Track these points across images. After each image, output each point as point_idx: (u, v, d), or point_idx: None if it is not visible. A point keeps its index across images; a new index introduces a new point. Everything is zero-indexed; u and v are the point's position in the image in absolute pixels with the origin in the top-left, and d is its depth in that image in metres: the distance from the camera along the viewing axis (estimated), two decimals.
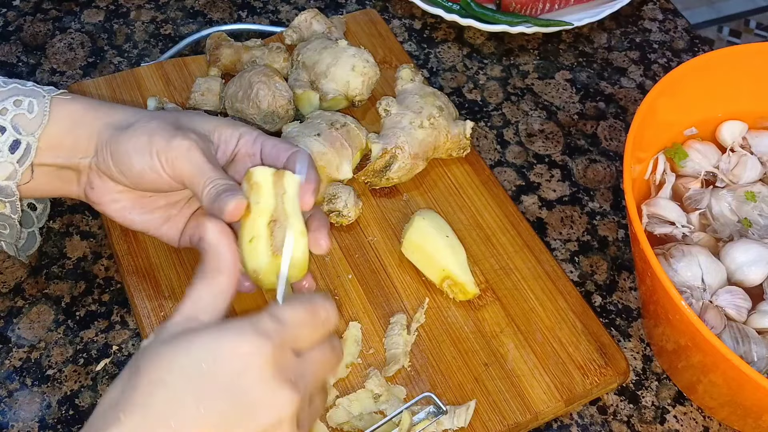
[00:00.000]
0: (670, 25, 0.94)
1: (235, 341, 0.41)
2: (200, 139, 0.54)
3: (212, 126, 0.56)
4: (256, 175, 0.51)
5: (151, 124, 0.54)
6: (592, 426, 0.63)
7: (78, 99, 0.58)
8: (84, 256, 0.70)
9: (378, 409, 0.59)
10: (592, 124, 0.84)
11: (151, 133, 0.53)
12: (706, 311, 0.60)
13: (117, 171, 0.55)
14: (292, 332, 0.43)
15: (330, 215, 0.68)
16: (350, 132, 0.70)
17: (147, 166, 0.53)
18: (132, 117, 0.56)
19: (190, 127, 0.55)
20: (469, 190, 0.73)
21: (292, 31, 0.82)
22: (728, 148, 0.72)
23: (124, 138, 0.54)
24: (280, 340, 0.42)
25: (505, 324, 0.64)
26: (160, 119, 0.55)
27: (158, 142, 0.53)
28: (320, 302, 0.45)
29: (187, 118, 0.56)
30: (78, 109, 0.57)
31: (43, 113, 0.56)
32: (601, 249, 0.73)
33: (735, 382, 0.54)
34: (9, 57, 0.86)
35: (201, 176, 0.52)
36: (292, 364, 0.43)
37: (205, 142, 0.54)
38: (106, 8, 0.92)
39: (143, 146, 0.53)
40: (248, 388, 0.40)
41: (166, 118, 0.55)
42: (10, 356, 0.64)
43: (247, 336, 0.41)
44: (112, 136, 0.55)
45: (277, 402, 0.41)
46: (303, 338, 0.44)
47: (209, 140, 0.55)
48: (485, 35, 0.91)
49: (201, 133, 0.55)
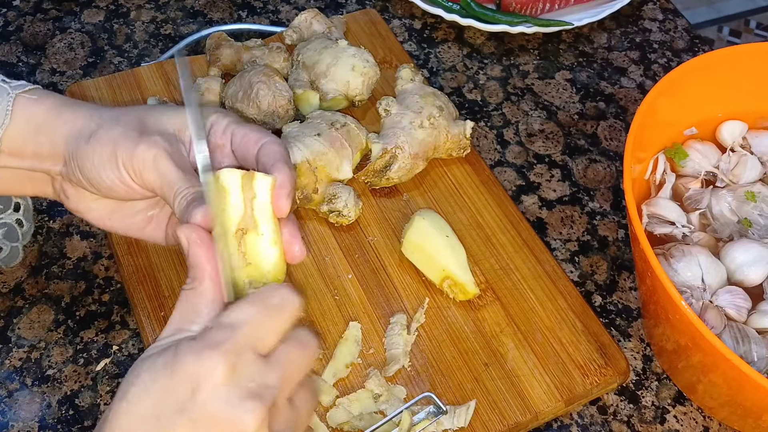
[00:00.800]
0: (670, 25, 0.94)
1: (187, 359, 0.39)
2: (167, 143, 0.49)
3: (180, 122, 0.51)
4: (222, 178, 0.45)
5: (114, 131, 0.50)
6: (592, 426, 0.63)
7: (43, 99, 0.53)
8: (84, 256, 0.70)
9: (378, 409, 0.59)
10: (592, 124, 0.84)
11: (115, 143, 0.49)
12: (706, 311, 0.60)
13: (87, 184, 0.51)
14: (245, 334, 0.40)
15: (330, 215, 0.68)
16: (350, 132, 0.70)
17: (116, 179, 0.50)
18: (94, 122, 0.51)
19: (157, 128, 0.51)
20: (469, 190, 0.73)
21: (292, 31, 0.82)
22: (728, 148, 0.72)
23: (89, 151, 0.50)
24: (232, 347, 0.39)
25: (505, 324, 0.64)
26: (123, 124, 0.50)
27: (123, 153, 0.49)
28: (270, 290, 0.43)
29: (154, 117, 0.52)
30: (41, 113, 0.53)
31: (5, 112, 0.52)
32: (601, 249, 0.73)
33: (735, 382, 0.54)
34: (9, 57, 0.86)
35: (169, 188, 0.48)
36: (253, 371, 0.40)
37: (173, 145, 0.50)
38: (106, 8, 0.92)
39: (108, 159, 0.49)
40: (206, 407, 0.39)
41: (131, 122, 0.51)
42: (10, 356, 0.64)
43: (197, 352, 0.39)
44: (77, 149, 0.51)
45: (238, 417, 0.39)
46: (261, 335, 0.41)
47: (178, 140, 0.51)
48: (485, 35, 0.91)
49: (169, 133, 0.51)
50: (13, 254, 0.65)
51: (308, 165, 0.67)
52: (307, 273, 0.67)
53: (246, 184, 0.45)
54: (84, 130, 0.51)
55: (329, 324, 0.64)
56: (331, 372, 0.61)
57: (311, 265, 0.67)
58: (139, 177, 0.49)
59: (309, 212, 0.70)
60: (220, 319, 0.41)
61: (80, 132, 0.51)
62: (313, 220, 0.70)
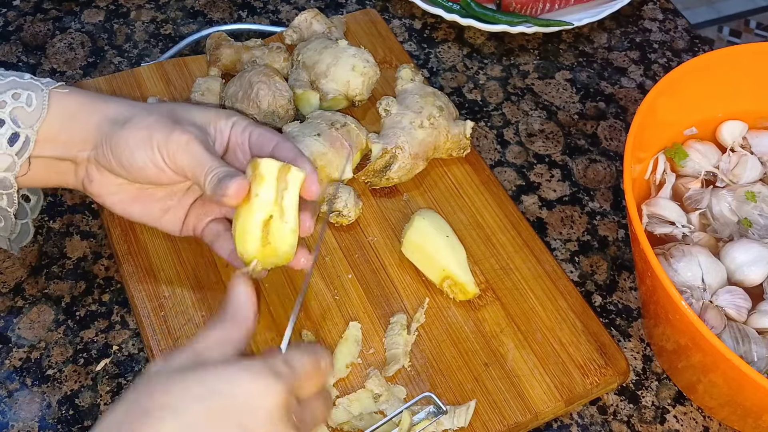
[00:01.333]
0: (670, 25, 0.94)
1: (251, 378, 0.42)
2: (198, 131, 0.55)
3: (208, 117, 0.57)
4: (261, 166, 0.51)
5: (149, 118, 0.55)
6: (592, 426, 0.63)
7: (75, 92, 0.58)
8: (84, 256, 0.70)
9: (378, 409, 0.59)
10: (593, 124, 0.83)
11: (151, 127, 0.54)
12: (706, 311, 0.60)
13: (118, 165, 0.55)
14: (299, 378, 0.44)
15: (330, 215, 0.68)
16: (350, 132, 0.70)
17: (149, 161, 0.54)
18: (129, 111, 0.56)
19: (188, 120, 0.56)
20: (469, 190, 0.73)
21: (292, 31, 0.82)
22: (728, 148, 0.72)
23: (124, 133, 0.55)
24: (290, 384, 0.43)
25: (505, 324, 0.64)
26: (157, 113, 0.55)
27: (158, 136, 0.54)
28: (322, 353, 0.47)
29: (184, 110, 0.57)
30: (75, 103, 0.57)
31: (42, 106, 0.56)
32: (601, 249, 0.73)
33: (735, 382, 0.54)
34: (9, 57, 0.86)
35: (202, 167, 0.53)
36: (295, 409, 0.44)
37: (203, 134, 0.55)
38: (106, 8, 0.92)
39: (144, 141, 0.54)
40: (258, 426, 0.41)
41: (164, 112, 0.56)
42: (10, 356, 0.64)
43: (262, 375, 0.42)
44: (111, 131, 0.55)
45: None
46: (306, 386, 0.45)
47: (206, 132, 0.56)
48: (485, 35, 0.91)
49: (198, 125, 0.56)
50: (23, 232, 0.65)
51: None
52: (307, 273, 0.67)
53: (281, 175, 0.51)
54: (119, 117, 0.56)
55: (329, 324, 0.64)
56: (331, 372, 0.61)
57: None
58: (173, 159, 0.54)
59: None
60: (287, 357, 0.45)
61: (115, 118, 0.56)
62: None
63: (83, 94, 0.58)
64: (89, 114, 0.57)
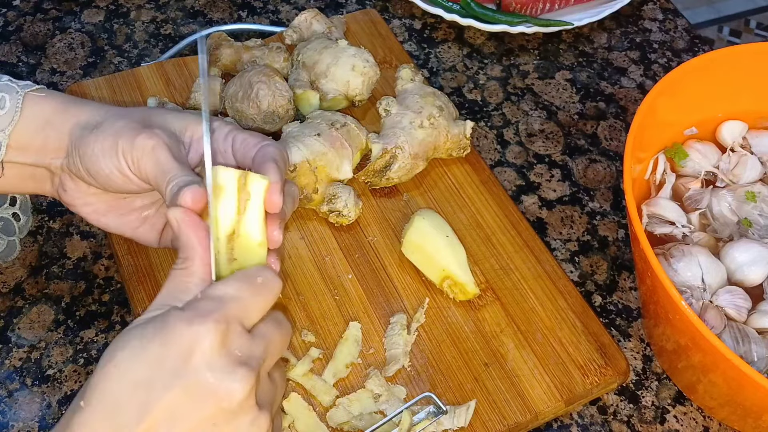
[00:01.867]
0: (670, 24, 0.94)
1: (178, 327, 0.40)
2: (168, 137, 0.51)
3: (185, 124, 0.53)
4: (219, 177, 0.46)
5: (118, 123, 0.52)
6: (592, 426, 0.63)
7: (51, 96, 0.55)
8: (84, 256, 0.70)
9: (378, 409, 0.59)
10: (593, 124, 0.83)
11: (118, 133, 0.51)
12: (706, 311, 0.60)
13: (86, 174, 0.53)
14: (233, 306, 0.42)
15: (330, 215, 0.68)
16: (350, 132, 0.70)
17: (114, 168, 0.51)
18: (100, 116, 0.53)
19: (160, 125, 0.52)
20: (469, 190, 0.73)
21: (292, 31, 0.82)
22: (728, 147, 0.72)
23: (91, 139, 0.52)
24: (222, 316, 0.41)
25: (505, 324, 0.64)
26: (128, 118, 0.52)
27: (124, 142, 0.50)
28: (255, 270, 0.44)
29: (159, 115, 0.54)
30: (49, 108, 0.54)
31: (15, 110, 0.54)
32: (602, 249, 0.73)
33: (735, 382, 0.54)
34: (9, 57, 0.86)
35: (164, 175, 0.49)
36: (241, 342, 0.41)
37: (174, 141, 0.52)
38: (106, 8, 0.92)
39: (110, 148, 0.51)
40: (198, 374, 0.39)
41: (135, 117, 0.53)
42: (10, 356, 0.64)
43: (188, 320, 0.40)
44: (80, 138, 0.53)
45: (230, 385, 0.40)
46: (247, 310, 0.43)
47: (179, 140, 0.52)
48: (485, 35, 0.91)
49: (171, 131, 0.52)
50: (10, 248, 0.65)
51: (308, 165, 0.67)
52: (307, 273, 0.67)
53: (242, 184, 0.46)
54: (89, 121, 0.53)
55: (329, 324, 0.64)
56: (331, 372, 0.61)
57: (311, 265, 0.67)
58: (137, 166, 0.50)
59: (309, 212, 0.70)
60: (208, 291, 0.43)
61: (86, 123, 0.53)
62: (313, 220, 0.70)
63: (59, 98, 0.55)
64: (64, 120, 0.54)
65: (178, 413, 0.39)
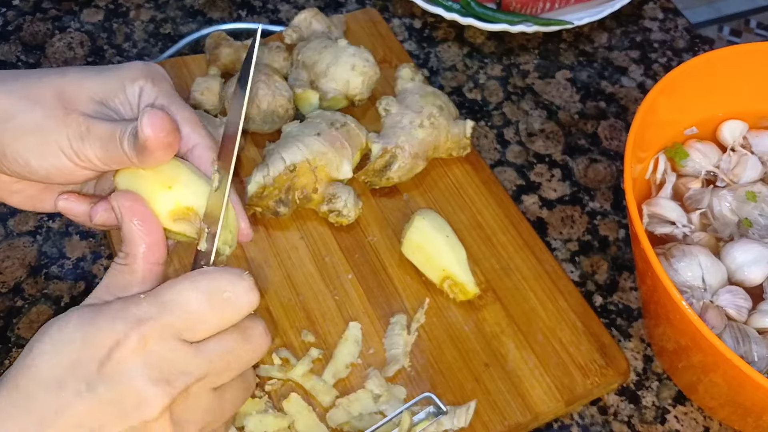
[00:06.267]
0: (670, 24, 0.94)
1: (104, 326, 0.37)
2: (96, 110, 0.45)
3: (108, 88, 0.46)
4: None
5: (35, 114, 0.45)
6: (592, 426, 0.63)
7: None
8: (83, 256, 0.70)
9: (378, 410, 0.59)
10: (593, 123, 0.83)
11: (41, 130, 0.44)
12: (707, 311, 0.60)
13: (13, 173, 0.47)
14: (173, 319, 0.38)
15: (330, 215, 0.68)
16: (350, 132, 0.70)
17: (51, 167, 0.45)
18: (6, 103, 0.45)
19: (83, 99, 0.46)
20: (469, 190, 0.73)
21: (291, 31, 0.82)
22: (729, 147, 0.72)
23: (9, 139, 0.45)
24: (158, 326, 0.37)
25: (505, 324, 0.64)
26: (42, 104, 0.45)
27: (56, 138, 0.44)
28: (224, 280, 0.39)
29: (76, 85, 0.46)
30: None
31: None
32: (602, 249, 0.73)
33: (735, 382, 0.54)
34: (8, 56, 0.86)
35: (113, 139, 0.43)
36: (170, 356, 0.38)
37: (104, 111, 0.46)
38: (105, 8, 0.92)
39: (39, 147, 0.44)
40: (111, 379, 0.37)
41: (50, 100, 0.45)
42: (9, 356, 0.64)
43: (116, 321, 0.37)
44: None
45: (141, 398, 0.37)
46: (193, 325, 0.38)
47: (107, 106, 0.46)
48: (485, 34, 0.91)
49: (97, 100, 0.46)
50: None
51: (308, 165, 0.67)
52: (307, 273, 0.67)
53: None
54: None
55: (329, 324, 0.64)
56: (331, 372, 0.61)
57: (311, 265, 0.67)
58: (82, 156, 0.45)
59: (309, 212, 0.70)
60: (156, 291, 0.39)
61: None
62: (313, 220, 0.70)
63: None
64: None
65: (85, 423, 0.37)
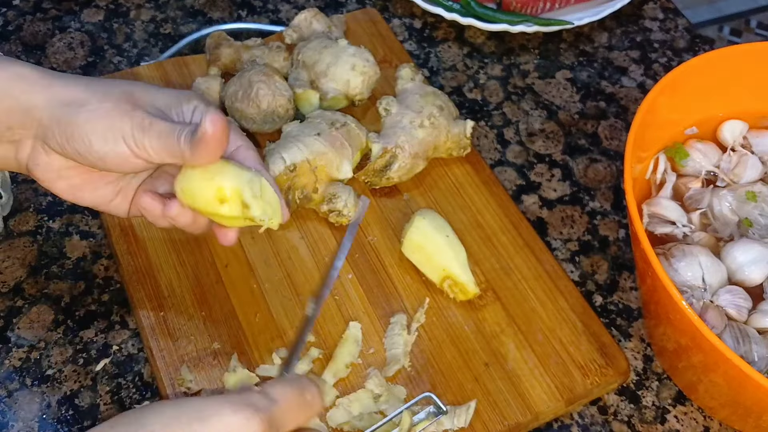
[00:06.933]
0: (670, 24, 0.94)
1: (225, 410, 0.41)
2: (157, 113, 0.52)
3: (169, 101, 0.54)
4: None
5: (105, 105, 0.51)
6: (592, 426, 0.63)
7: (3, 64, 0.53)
8: (84, 256, 0.70)
9: (378, 410, 0.59)
10: (593, 123, 0.83)
11: (109, 116, 0.51)
12: (707, 311, 0.60)
13: (74, 152, 0.52)
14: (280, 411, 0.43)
15: (330, 215, 0.68)
16: (350, 131, 0.70)
17: (110, 151, 0.51)
18: (82, 93, 0.52)
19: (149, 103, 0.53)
20: (469, 190, 0.73)
21: (292, 31, 0.82)
22: (729, 147, 0.72)
23: (81, 121, 0.51)
24: (268, 416, 0.42)
25: (505, 324, 0.64)
26: (113, 98, 0.52)
27: (120, 125, 0.51)
28: (308, 384, 0.46)
29: (143, 92, 0.54)
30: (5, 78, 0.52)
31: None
32: (602, 249, 0.73)
33: (735, 381, 0.54)
34: (8, 56, 0.86)
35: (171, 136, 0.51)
36: None
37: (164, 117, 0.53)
38: (105, 7, 0.92)
39: (104, 131, 0.51)
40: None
41: (119, 95, 0.52)
42: (9, 356, 0.64)
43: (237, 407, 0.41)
44: (65, 116, 0.51)
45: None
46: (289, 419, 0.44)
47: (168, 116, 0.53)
48: (486, 34, 0.91)
49: (157, 108, 0.53)
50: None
51: (308, 165, 0.67)
52: (307, 273, 0.67)
53: None
54: (71, 100, 0.52)
55: (329, 324, 0.64)
56: (331, 372, 0.61)
57: (311, 265, 0.67)
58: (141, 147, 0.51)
59: (309, 212, 0.70)
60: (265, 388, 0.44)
61: (70, 101, 0.52)
62: (313, 220, 0.70)
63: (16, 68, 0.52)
64: (25, 92, 0.52)
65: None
